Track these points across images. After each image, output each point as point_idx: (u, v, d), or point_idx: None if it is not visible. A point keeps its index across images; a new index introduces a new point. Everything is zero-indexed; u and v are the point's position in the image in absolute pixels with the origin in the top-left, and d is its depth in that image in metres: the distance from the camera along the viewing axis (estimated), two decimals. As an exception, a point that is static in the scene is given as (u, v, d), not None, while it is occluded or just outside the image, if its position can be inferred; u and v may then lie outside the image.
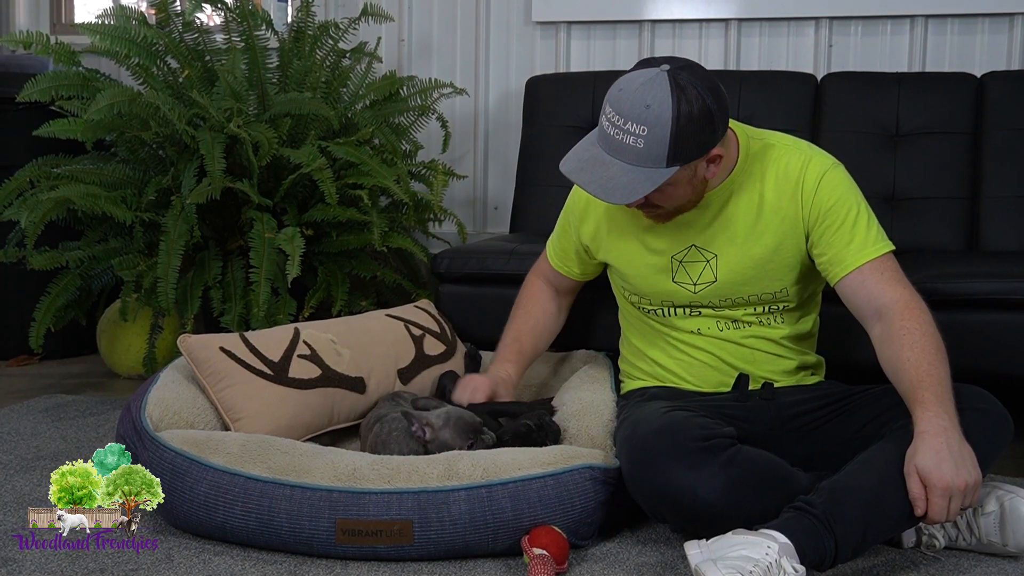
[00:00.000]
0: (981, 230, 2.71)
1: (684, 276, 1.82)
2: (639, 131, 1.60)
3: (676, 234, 1.81)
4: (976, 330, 2.20)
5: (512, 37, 3.35)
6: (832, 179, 1.77)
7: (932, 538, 1.65)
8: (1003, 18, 2.94)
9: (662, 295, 1.85)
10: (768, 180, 1.78)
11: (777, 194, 1.78)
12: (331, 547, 1.61)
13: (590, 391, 1.97)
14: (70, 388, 2.87)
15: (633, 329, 1.97)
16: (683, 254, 1.81)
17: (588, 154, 1.67)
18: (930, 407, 1.49)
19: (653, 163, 1.61)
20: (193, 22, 2.86)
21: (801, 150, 1.81)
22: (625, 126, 1.60)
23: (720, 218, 1.79)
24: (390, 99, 3.01)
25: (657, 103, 1.59)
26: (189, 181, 2.59)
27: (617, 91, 1.63)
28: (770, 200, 1.78)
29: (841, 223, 1.74)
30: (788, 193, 1.77)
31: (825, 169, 1.77)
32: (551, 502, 1.62)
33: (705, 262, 1.80)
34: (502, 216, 3.34)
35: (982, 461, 1.57)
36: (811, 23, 3.07)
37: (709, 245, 1.80)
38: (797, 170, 1.77)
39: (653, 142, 1.60)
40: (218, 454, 1.70)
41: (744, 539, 1.44)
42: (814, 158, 1.79)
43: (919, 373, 1.55)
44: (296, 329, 2.07)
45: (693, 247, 1.81)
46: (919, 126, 2.79)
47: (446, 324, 2.33)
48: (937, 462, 1.45)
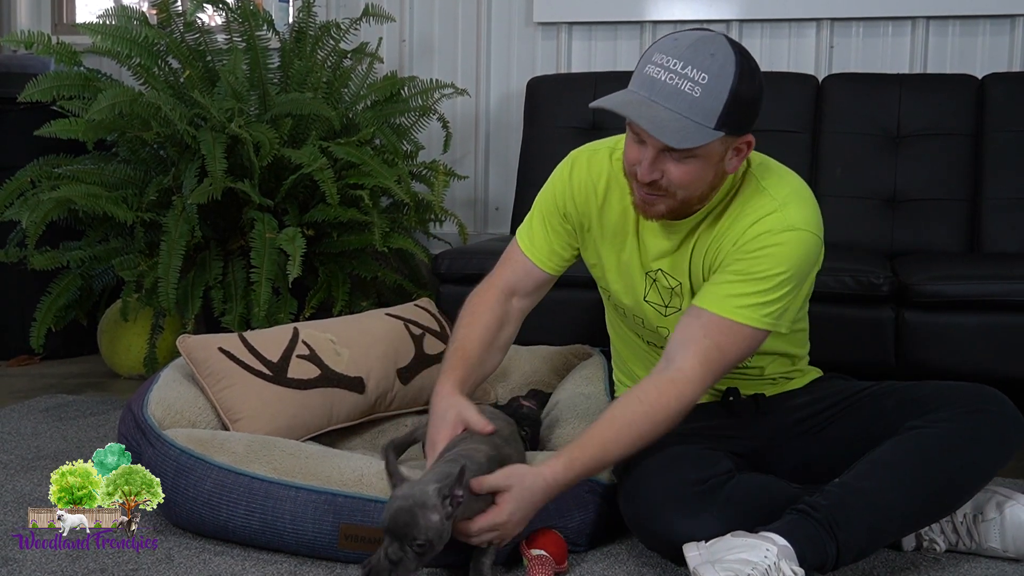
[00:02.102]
0: (982, 232, 2.71)
1: (656, 296, 1.70)
2: (699, 78, 1.45)
3: (652, 251, 1.68)
4: (977, 331, 2.21)
5: (513, 38, 3.35)
6: (781, 239, 1.55)
7: (932, 543, 1.64)
8: (1004, 20, 2.94)
9: (635, 311, 1.75)
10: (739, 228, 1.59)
11: (738, 248, 1.59)
12: (333, 551, 1.61)
13: (585, 392, 1.95)
14: (71, 388, 2.87)
15: (619, 338, 1.91)
16: (655, 273, 1.69)
17: (630, 97, 1.50)
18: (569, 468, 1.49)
19: (703, 118, 1.46)
20: (194, 22, 2.86)
21: (782, 210, 1.57)
22: (683, 71, 1.45)
23: (685, 247, 1.66)
24: (391, 99, 3.01)
25: (722, 55, 1.46)
26: (190, 181, 2.59)
27: (671, 41, 1.49)
28: (732, 252, 1.60)
29: (746, 270, 1.56)
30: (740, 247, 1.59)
31: (784, 227, 1.55)
32: (550, 514, 1.59)
33: (670, 289, 1.68)
34: (503, 216, 3.34)
35: (990, 465, 1.57)
36: (812, 24, 3.08)
37: (675, 273, 1.67)
38: (759, 230, 1.57)
39: (710, 94, 1.45)
40: (223, 453, 1.70)
41: (743, 541, 1.44)
42: (781, 215, 1.56)
43: (596, 429, 1.53)
44: (295, 329, 2.06)
45: (660, 270, 1.68)
46: (920, 128, 2.79)
47: (446, 323, 2.31)
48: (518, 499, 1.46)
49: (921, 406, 1.61)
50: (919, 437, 1.55)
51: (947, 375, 2.22)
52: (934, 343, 2.23)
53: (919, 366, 2.24)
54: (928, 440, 1.54)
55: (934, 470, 1.52)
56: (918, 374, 2.24)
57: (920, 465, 1.52)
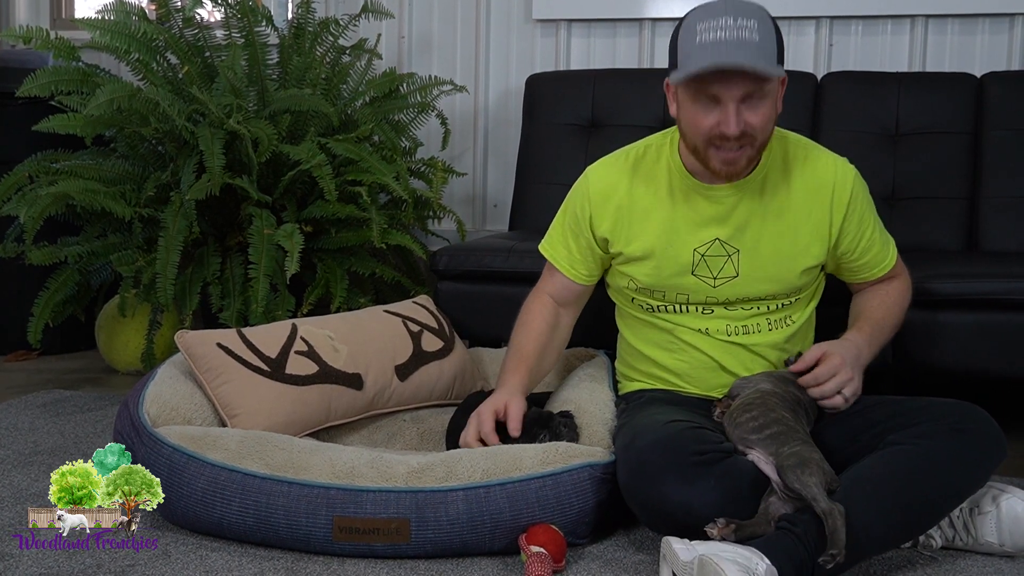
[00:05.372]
0: (980, 230, 2.71)
1: (705, 270, 1.81)
2: (752, 25, 1.62)
3: (700, 228, 1.80)
4: (975, 330, 2.21)
5: (512, 34, 3.35)
6: (859, 191, 1.83)
7: (929, 538, 1.65)
8: (1003, 18, 2.94)
9: (678, 289, 1.83)
10: (795, 180, 1.80)
11: (806, 196, 1.80)
12: (328, 544, 1.62)
13: (588, 390, 1.96)
14: (68, 383, 2.88)
15: (632, 331, 1.95)
16: (706, 247, 1.80)
17: (706, 58, 1.63)
18: (861, 331, 1.79)
19: (769, 58, 1.64)
20: (193, 18, 2.87)
21: (824, 154, 1.84)
22: (737, 24, 1.62)
23: (745, 212, 1.80)
24: (390, 96, 3.01)
25: (753, 3, 1.67)
26: (188, 177, 2.59)
27: (703, 9, 1.67)
28: (799, 201, 1.79)
29: (870, 235, 1.84)
30: (820, 200, 1.80)
31: (854, 182, 1.82)
32: (549, 502, 1.62)
33: (727, 256, 1.80)
34: (501, 214, 3.34)
35: (968, 485, 1.58)
36: (811, 22, 3.08)
37: (733, 240, 1.80)
38: (830, 178, 1.80)
39: (765, 36, 1.64)
40: (216, 450, 1.70)
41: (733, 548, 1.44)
42: (839, 166, 1.82)
43: (869, 311, 1.85)
44: (293, 325, 2.07)
45: (717, 241, 1.80)
46: (919, 126, 2.79)
47: (444, 320, 2.32)
48: (842, 351, 1.72)
49: (907, 419, 1.63)
50: (901, 455, 1.56)
51: (945, 374, 2.25)
52: (933, 341, 2.22)
53: (917, 365, 2.23)
54: (910, 460, 1.55)
55: (913, 491, 1.53)
56: (916, 373, 2.25)
57: (901, 486, 1.53)
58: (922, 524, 1.59)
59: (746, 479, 1.57)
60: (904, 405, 1.69)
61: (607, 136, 2.92)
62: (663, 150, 1.86)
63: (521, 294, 2.02)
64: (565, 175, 2.85)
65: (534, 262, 2.05)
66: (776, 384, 1.72)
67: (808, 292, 1.88)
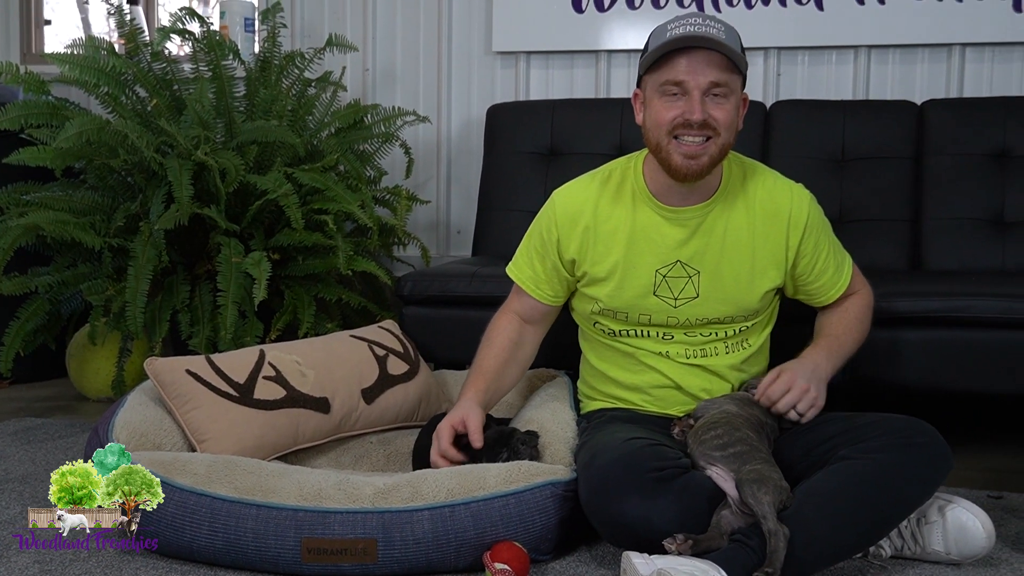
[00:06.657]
0: (923, 250, 2.77)
1: (666, 291, 1.84)
2: (720, 26, 1.73)
3: (662, 249, 1.84)
4: (921, 347, 2.24)
5: (473, 66, 3.40)
6: (815, 216, 1.88)
7: (879, 548, 1.68)
8: (942, 48, 3.03)
9: (640, 310, 1.86)
10: (754, 205, 1.85)
11: (764, 220, 1.84)
12: (297, 566, 1.62)
13: (551, 409, 1.98)
14: (40, 411, 2.87)
15: (595, 352, 1.98)
16: (668, 268, 1.84)
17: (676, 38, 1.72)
18: (818, 347, 1.85)
19: (734, 56, 1.71)
20: (161, 52, 2.89)
21: (781, 180, 1.90)
22: (705, 23, 1.72)
23: (706, 234, 1.83)
24: (355, 127, 3.04)
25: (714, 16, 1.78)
26: (157, 207, 2.61)
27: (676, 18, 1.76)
28: (758, 225, 1.84)
29: (824, 259, 1.90)
30: (777, 224, 1.85)
31: (809, 207, 1.87)
32: (512, 520, 1.64)
33: (688, 278, 1.83)
34: (464, 240, 3.38)
35: (916, 497, 1.61)
36: (760, 53, 3.15)
37: (693, 261, 1.83)
38: (786, 203, 1.86)
39: (731, 39, 1.73)
40: (185, 475, 1.70)
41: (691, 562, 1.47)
42: (795, 192, 1.88)
43: (829, 327, 1.90)
44: (261, 351, 2.08)
45: (678, 263, 1.84)
46: (863, 151, 2.85)
47: (410, 344, 2.33)
48: (797, 368, 1.77)
49: (858, 435, 1.65)
50: (852, 469, 1.58)
51: (894, 390, 2.27)
52: (881, 359, 2.24)
53: (867, 382, 2.26)
54: (861, 474, 1.57)
55: (864, 504, 1.56)
56: (866, 390, 2.27)
57: (852, 499, 1.56)
58: (872, 536, 1.61)
59: (704, 494, 1.60)
60: (855, 421, 1.70)
61: (566, 164, 2.96)
62: (627, 172, 1.90)
63: (484, 318, 2.04)
64: (526, 202, 2.93)
65: (497, 286, 2.07)
66: (740, 406, 1.76)
67: (764, 316, 1.92)
